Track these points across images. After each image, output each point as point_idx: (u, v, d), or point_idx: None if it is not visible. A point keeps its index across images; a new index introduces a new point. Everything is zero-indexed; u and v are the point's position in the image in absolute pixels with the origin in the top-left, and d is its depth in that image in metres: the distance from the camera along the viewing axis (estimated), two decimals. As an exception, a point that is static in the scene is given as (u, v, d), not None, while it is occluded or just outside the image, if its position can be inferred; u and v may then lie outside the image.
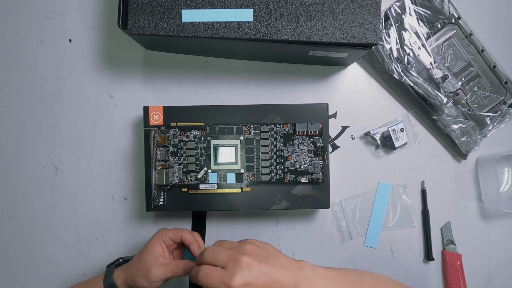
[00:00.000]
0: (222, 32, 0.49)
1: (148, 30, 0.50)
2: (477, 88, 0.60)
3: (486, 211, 0.63)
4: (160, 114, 0.57)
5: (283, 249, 0.62)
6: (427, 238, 0.62)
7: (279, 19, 0.49)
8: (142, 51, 0.63)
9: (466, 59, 0.60)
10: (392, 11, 0.59)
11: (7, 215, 0.63)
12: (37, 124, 0.63)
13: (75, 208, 0.63)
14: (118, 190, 0.63)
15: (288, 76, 0.64)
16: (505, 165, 0.64)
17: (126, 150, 0.63)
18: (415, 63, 0.59)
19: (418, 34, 0.59)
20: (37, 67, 0.63)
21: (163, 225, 0.63)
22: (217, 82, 0.63)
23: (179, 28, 0.49)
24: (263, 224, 0.63)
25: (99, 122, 0.63)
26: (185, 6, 0.49)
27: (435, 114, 0.60)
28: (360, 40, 0.50)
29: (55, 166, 0.63)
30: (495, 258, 0.63)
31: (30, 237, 0.63)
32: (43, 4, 0.64)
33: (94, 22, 0.64)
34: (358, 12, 0.49)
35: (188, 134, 0.58)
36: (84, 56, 0.63)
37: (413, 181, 0.63)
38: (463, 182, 0.63)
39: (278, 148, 0.58)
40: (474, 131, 0.60)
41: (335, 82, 0.64)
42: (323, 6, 0.49)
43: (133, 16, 0.50)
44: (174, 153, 0.58)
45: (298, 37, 0.49)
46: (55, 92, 0.63)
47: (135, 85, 0.63)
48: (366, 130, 0.63)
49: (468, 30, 0.59)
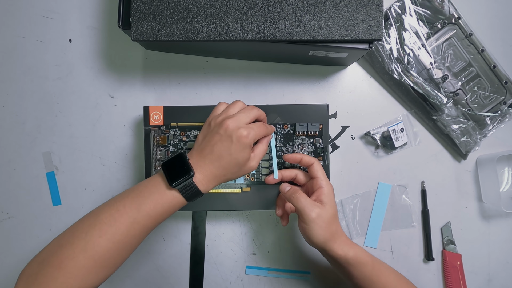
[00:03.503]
0: (225, 35, 0.49)
1: (152, 36, 0.50)
2: (477, 88, 0.60)
3: (486, 211, 0.63)
4: (160, 114, 0.57)
5: (283, 249, 0.62)
6: (427, 238, 0.62)
7: (282, 19, 0.49)
8: (142, 51, 0.63)
9: (466, 59, 0.60)
10: (392, 11, 0.59)
11: (7, 215, 0.63)
12: (37, 124, 0.63)
13: (75, 208, 0.63)
14: (118, 190, 0.63)
15: (288, 76, 0.64)
16: (505, 165, 0.64)
17: (126, 150, 0.63)
18: (415, 63, 0.59)
19: (418, 34, 0.59)
20: (37, 67, 0.63)
21: (163, 225, 0.63)
22: (217, 82, 0.63)
23: (182, 33, 0.50)
24: (263, 224, 0.63)
25: (99, 122, 0.63)
26: (187, 11, 0.49)
27: (435, 114, 0.60)
28: (364, 36, 0.50)
29: (55, 166, 0.63)
30: (495, 258, 0.63)
31: (30, 237, 0.63)
32: (43, 4, 0.64)
33: (94, 22, 0.64)
34: (361, 8, 0.49)
35: (188, 134, 0.58)
36: (84, 56, 0.63)
37: (413, 181, 0.63)
38: (463, 182, 0.63)
39: (278, 148, 0.58)
40: (474, 131, 0.60)
41: (335, 82, 0.64)
42: (325, 4, 0.49)
43: (136, 22, 0.50)
44: (174, 153, 0.58)
45: (302, 36, 0.49)
46: (55, 92, 0.63)
47: (135, 85, 0.63)
48: (366, 130, 0.63)
49: (468, 30, 0.59)
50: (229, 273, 0.62)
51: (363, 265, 0.49)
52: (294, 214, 0.56)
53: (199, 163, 0.45)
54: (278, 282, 0.62)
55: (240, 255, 0.62)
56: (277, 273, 0.62)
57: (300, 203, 0.49)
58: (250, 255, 0.62)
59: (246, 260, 0.62)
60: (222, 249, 0.62)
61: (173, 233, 0.63)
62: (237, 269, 0.62)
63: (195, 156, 0.45)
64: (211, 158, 0.44)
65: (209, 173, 0.45)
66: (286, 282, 0.62)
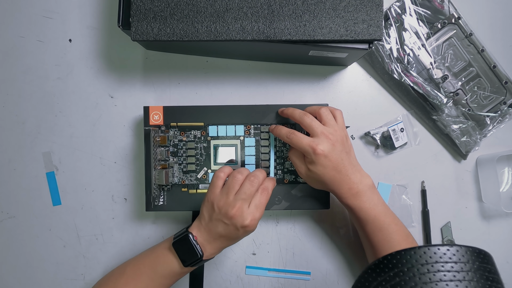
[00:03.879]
0: (225, 35, 0.49)
1: (152, 36, 0.50)
2: (477, 88, 0.60)
3: (486, 211, 0.63)
4: (160, 114, 0.57)
5: (283, 249, 0.62)
6: (427, 238, 0.62)
7: (282, 19, 0.49)
8: (142, 51, 0.63)
9: (466, 59, 0.60)
10: (392, 11, 0.59)
11: (7, 215, 0.63)
12: (37, 124, 0.63)
13: (75, 208, 0.63)
14: (118, 190, 0.63)
15: (288, 76, 0.64)
16: (505, 165, 0.64)
17: (126, 150, 0.63)
18: (415, 63, 0.59)
19: (418, 34, 0.59)
20: (37, 67, 0.63)
21: (163, 225, 0.63)
22: (217, 82, 0.63)
23: (182, 33, 0.50)
24: (263, 224, 0.63)
25: (99, 122, 0.63)
26: (187, 11, 0.49)
27: (435, 114, 0.60)
28: (364, 36, 0.50)
29: (55, 166, 0.63)
30: (495, 258, 0.62)
31: (30, 237, 0.63)
32: (43, 4, 0.64)
33: (94, 22, 0.64)
34: (361, 8, 0.49)
35: (188, 134, 0.58)
36: (84, 56, 0.63)
37: (413, 181, 0.63)
38: (463, 182, 0.63)
39: (278, 149, 0.58)
40: (474, 131, 0.60)
41: (335, 82, 0.64)
42: (325, 4, 0.49)
43: (136, 22, 0.50)
44: (174, 153, 0.58)
45: (302, 36, 0.49)
46: (55, 92, 0.63)
47: (135, 85, 0.63)
48: (366, 130, 0.63)
49: (468, 30, 0.59)
50: (229, 273, 0.62)
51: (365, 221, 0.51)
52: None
53: (208, 240, 0.49)
54: (278, 282, 0.62)
55: (240, 255, 0.62)
56: (277, 273, 0.62)
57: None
58: (250, 255, 0.62)
59: (246, 260, 0.62)
60: (222, 249, 0.62)
61: (173, 233, 0.63)
62: (237, 269, 0.62)
63: (204, 234, 0.49)
64: (221, 240, 0.49)
65: (219, 248, 0.50)
66: (286, 282, 0.62)
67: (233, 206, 0.47)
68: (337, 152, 0.49)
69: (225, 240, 0.49)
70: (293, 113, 0.53)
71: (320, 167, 0.49)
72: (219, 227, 0.48)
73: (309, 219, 0.63)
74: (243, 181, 0.49)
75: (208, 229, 0.49)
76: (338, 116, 0.53)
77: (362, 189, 0.50)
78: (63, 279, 0.63)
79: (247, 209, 0.48)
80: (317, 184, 0.53)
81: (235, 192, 0.48)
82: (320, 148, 0.48)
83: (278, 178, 0.58)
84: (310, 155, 0.49)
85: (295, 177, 0.58)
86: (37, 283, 0.63)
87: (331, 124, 0.51)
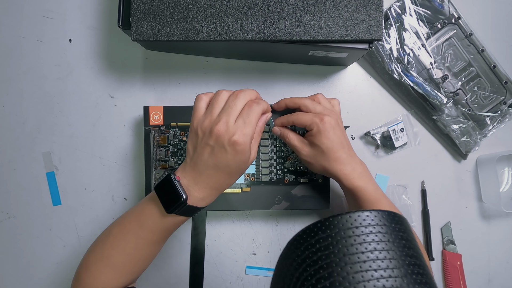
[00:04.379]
0: (225, 35, 0.49)
1: (152, 36, 0.50)
2: (477, 88, 0.60)
3: (486, 211, 0.63)
4: (160, 114, 0.57)
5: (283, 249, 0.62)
6: (427, 238, 0.62)
7: (282, 19, 0.49)
8: (142, 51, 0.63)
9: (466, 59, 0.60)
10: (392, 11, 0.59)
11: (7, 215, 0.63)
12: (37, 124, 0.63)
13: (75, 208, 0.63)
14: (118, 190, 0.63)
15: (288, 76, 0.64)
16: (505, 165, 0.64)
17: (126, 150, 0.63)
18: (415, 63, 0.59)
19: (418, 34, 0.59)
20: (37, 67, 0.63)
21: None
22: (217, 82, 0.63)
23: (182, 33, 0.50)
24: (263, 224, 0.63)
25: (99, 122, 0.63)
26: (187, 11, 0.49)
27: (435, 114, 0.60)
28: (364, 36, 0.50)
29: (55, 166, 0.63)
30: (495, 258, 0.63)
31: (30, 237, 0.63)
32: (43, 4, 0.64)
33: (94, 22, 0.64)
34: (361, 8, 0.49)
35: (188, 134, 0.58)
36: (84, 56, 0.63)
37: (413, 181, 0.63)
38: (463, 182, 0.63)
39: (278, 149, 0.58)
40: (474, 131, 0.60)
41: (335, 82, 0.64)
42: (325, 4, 0.49)
43: (136, 22, 0.50)
44: (174, 153, 0.58)
45: (302, 36, 0.49)
46: (55, 92, 0.63)
47: (135, 85, 0.63)
48: (366, 130, 0.63)
49: (468, 30, 0.59)
50: (229, 273, 0.62)
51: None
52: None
53: (195, 180, 0.43)
54: (278, 282, 0.62)
55: (240, 255, 0.62)
56: (277, 273, 0.62)
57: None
58: (250, 255, 0.62)
59: (246, 260, 0.62)
60: (222, 249, 0.62)
61: (173, 233, 0.63)
62: (237, 269, 0.62)
63: (190, 172, 0.43)
64: (208, 173, 0.42)
65: (209, 188, 0.43)
66: (286, 282, 0.62)
67: (217, 121, 0.41)
68: (340, 128, 0.49)
69: (214, 173, 0.42)
70: (291, 101, 0.51)
71: (326, 140, 0.47)
72: (204, 155, 0.41)
73: (309, 219, 0.63)
74: (229, 97, 0.43)
75: (194, 164, 0.42)
76: (335, 103, 0.51)
77: (364, 171, 0.49)
78: (63, 279, 0.63)
79: (233, 123, 0.41)
80: (318, 165, 0.49)
81: (220, 109, 0.42)
82: (327, 118, 0.47)
83: (278, 178, 0.58)
84: (316, 125, 0.47)
85: (295, 177, 0.58)
86: (37, 283, 0.63)
87: (329, 107, 0.50)
